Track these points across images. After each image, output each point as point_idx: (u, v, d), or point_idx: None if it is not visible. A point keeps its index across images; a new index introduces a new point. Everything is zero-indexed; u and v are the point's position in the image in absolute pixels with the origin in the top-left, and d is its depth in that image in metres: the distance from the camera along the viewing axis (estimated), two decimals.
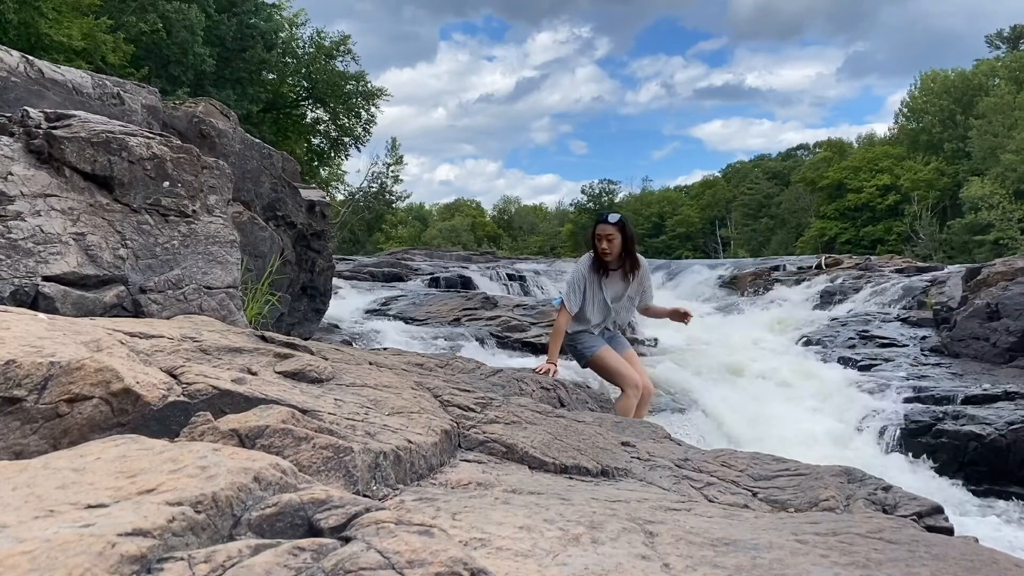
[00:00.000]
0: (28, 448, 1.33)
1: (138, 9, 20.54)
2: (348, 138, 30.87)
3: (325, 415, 1.70)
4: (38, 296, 2.21)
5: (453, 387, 2.66)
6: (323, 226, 6.22)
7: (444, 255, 21.36)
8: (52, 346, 1.49)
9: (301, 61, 29.10)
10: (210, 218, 2.81)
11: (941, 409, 6.38)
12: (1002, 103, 39.81)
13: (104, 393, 1.44)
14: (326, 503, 0.95)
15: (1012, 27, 50.67)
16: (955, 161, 43.95)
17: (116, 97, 4.21)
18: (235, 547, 0.81)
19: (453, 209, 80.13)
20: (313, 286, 6.16)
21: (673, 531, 1.38)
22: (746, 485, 2.32)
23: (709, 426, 6.11)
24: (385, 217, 41.03)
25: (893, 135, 53.41)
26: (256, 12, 25.66)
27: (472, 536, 1.21)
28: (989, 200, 35.39)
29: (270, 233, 5.01)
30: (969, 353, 8.31)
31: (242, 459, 1.03)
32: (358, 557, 0.80)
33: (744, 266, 17.12)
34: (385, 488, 1.53)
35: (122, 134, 2.61)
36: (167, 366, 1.70)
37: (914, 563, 1.21)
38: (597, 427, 2.77)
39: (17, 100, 3.38)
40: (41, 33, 16.09)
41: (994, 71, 45.38)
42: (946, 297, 10.28)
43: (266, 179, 5.34)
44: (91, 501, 0.88)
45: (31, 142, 2.45)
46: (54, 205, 2.37)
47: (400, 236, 58.07)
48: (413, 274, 13.88)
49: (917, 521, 2.05)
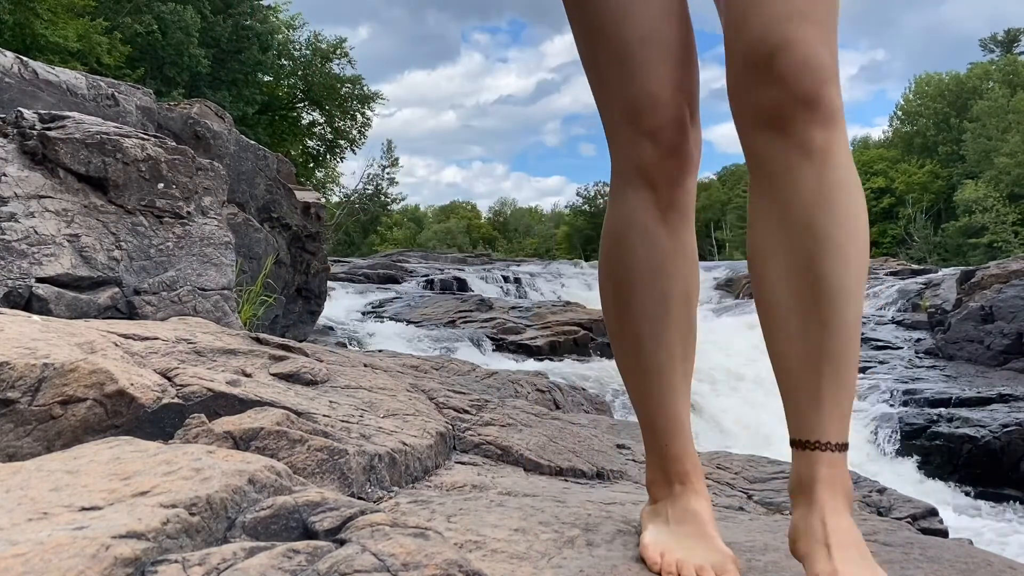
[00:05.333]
0: (21, 450, 1.33)
1: (133, 10, 20.52)
2: (344, 141, 30.87)
3: (320, 417, 1.69)
4: (32, 298, 2.20)
5: (448, 389, 2.66)
6: (318, 228, 6.21)
7: (439, 257, 21.37)
8: (46, 348, 1.49)
9: (297, 63, 29.10)
10: (205, 220, 2.81)
11: (935, 411, 6.40)
12: (996, 106, 39.99)
13: (98, 395, 1.43)
14: (321, 505, 0.95)
15: (1006, 31, 50.88)
16: (949, 164, 44.11)
17: (111, 98, 4.20)
18: (229, 549, 0.81)
19: (448, 211, 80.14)
20: (308, 288, 6.16)
21: None
22: (741, 487, 2.32)
23: (704, 428, 6.12)
24: (380, 219, 41.04)
25: (888, 138, 53.57)
26: (252, 14, 25.63)
27: (467, 538, 1.21)
28: (983, 203, 35.53)
29: (265, 235, 5.00)
30: (963, 356, 8.33)
31: (236, 461, 1.02)
32: (353, 560, 0.80)
33: (740, 269, 17.15)
34: (380, 490, 1.53)
35: (117, 135, 2.60)
36: (161, 368, 1.70)
37: (908, 565, 1.21)
38: (592, 429, 2.77)
39: (11, 101, 3.38)
40: (36, 34, 16.06)
41: (988, 74, 45.57)
42: (940, 300, 10.31)
43: (261, 181, 5.34)
44: (85, 503, 0.88)
45: (25, 143, 2.44)
46: (48, 206, 2.36)
47: (395, 238, 58.05)
48: (408, 276, 13.88)
49: (912, 523, 2.05)
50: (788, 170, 0.98)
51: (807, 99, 0.95)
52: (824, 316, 0.99)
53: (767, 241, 1.03)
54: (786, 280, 1.01)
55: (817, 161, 0.97)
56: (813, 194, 0.97)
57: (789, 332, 1.02)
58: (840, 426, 1.01)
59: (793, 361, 1.03)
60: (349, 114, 30.13)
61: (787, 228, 1.00)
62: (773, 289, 1.03)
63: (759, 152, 1.01)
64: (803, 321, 1.00)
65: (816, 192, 0.98)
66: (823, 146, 0.97)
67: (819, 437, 1.00)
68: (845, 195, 0.98)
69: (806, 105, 0.95)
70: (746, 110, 1.01)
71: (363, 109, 30.09)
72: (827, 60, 0.95)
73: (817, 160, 0.97)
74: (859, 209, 1.00)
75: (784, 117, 0.96)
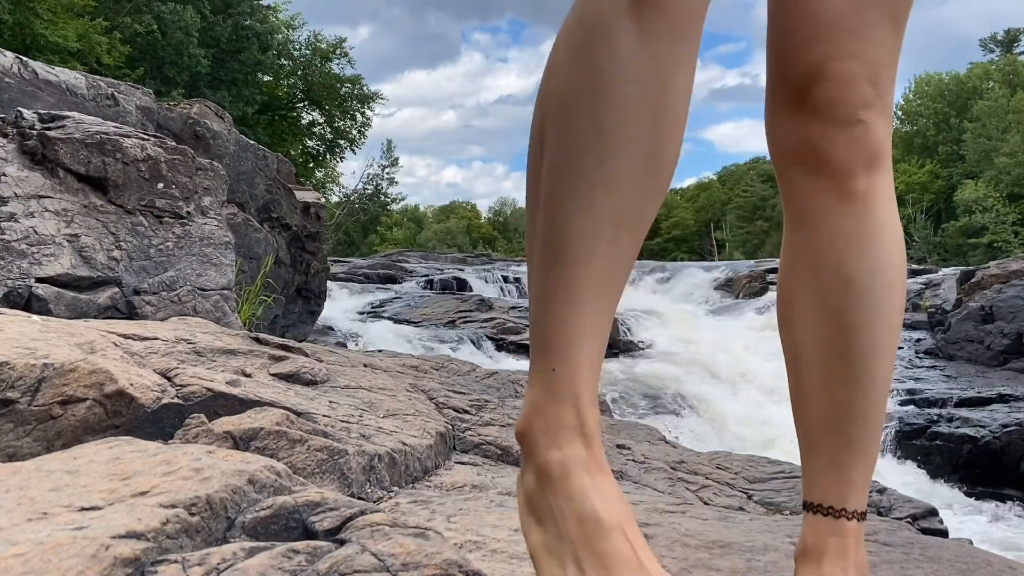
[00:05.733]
0: (21, 450, 1.33)
1: (133, 10, 20.51)
2: (343, 141, 30.88)
3: (319, 417, 1.69)
4: (31, 298, 2.20)
5: (448, 389, 2.66)
6: (318, 228, 6.21)
7: (439, 257, 21.36)
8: (46, 348, 1.49)
9: (297, 63, 29.10)
10: (204, 220, 2.81)
11: (935, 412, 6.40)
12: (996, 106, 39.98)
13: (98, 395, 1.43)
14: (321, 505, 0.95)
15: (1006, 31, 50.90)
16: (949, 164, 44.11)
17: (110, 98, 4.20)
18: (229, 549, 0.81)
19: (448, 211, 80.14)
20: (307, 288, 6.16)
21: (668, 534, 1.38)
22: (741, 487, 2.32)
23: (704, 428, 6.12)
24: (380, 219, 41.06)
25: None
26: (252, 14, 25.63)
27: (467, 539, 1.21)
28: (983, 203, 35.52)
29: (264, 235, 5.00)
30: (963, 356, 8.34)
31: (236, 461, 1.02)
32: (353, 560, 0.80)
33: (740, 268, 17.14)
34: (380, 490, 1.53)
35: (116, 135, 2.60)
36: (161, 368, 1.70)
37: (909, 565, 1.21)
38: None
39: (11, 101, 3.38)
40: (36, 34, 16.06)
41: (988, 74, 45.58)
42: (940, 300, 10.31)
43: (261, 181, 5.34)
44: (84, 503, 0.88)
45: (25, 143, 2.44)
46: (48, 206, 2.36)
47: (395, 238, 58.03)
48: (408, 276, 13.87)
49: (912, 523, 2.05)
50: (824, 213, 0.91)
51: (848, 137, 0.87)
52: (852, 373, 0.91)
53: (797, 284, 0.95)
54: (815, 329, 0.94)
55: (856, 206, 0.90)
56: (849, 240, 0.90)
57: (813, 385, 0.94)
58: (861, 493, 0.92)
59: (814, 417, 0.95)
60: (349, 114, 30.13)
61: (819, 273, 0.92)
62: (799, 336, 0.96)
63: (793, 192, 0.95)
64: (828, 375, 0.92)
65: (853, 239, 0.90)
66: (864, 190, 0.89)
67: (834, 503, 0.91)
68: (884, 243, 0.91)
69: (847, 144, 0.87)
70: (781, 144, 0.94)
71: (363, 109, 30.12)
72: (872, 97, 0.88)
73: (857, 205, 0.90)
74: (898, 259, 0.92)
75: (821, 155, 0.89)
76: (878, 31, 0.88)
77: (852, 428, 0.92)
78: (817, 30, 0.88)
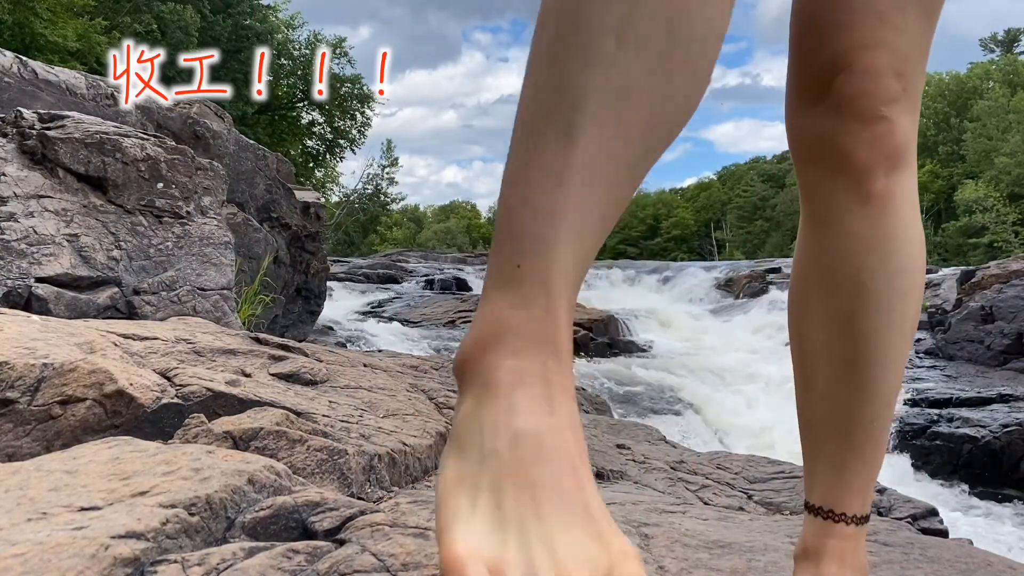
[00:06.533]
0: (21, 450, 1.33)
1: (133, 10, 20.52)
2: (343, 141, 30.90)
3: (319, 417, 1.69)
4: (31, 297, 2.20)
5: (448, 389, 2.66)
6: (318, 228, 6.21)
7: (439, 257, 21.36)
8: (45, 348, 1.49)
9: (297, 63, 29.10)
10: (204, 219, 2.80)
11: (936, 412, 6.40)
12: (996, 106, 40.00)
13: (97, 395, 1.43)
14: (320, 505, 0.95)
15: (1006, 31, 50.91)
16: (949, 164, 44.13)
17: (110, 98, 4.20)
18: (229, 549, 0.81)
19: (448, 211, 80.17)
20: (307, 288, 6.16)
21: (668, 534, 1.37)
22: (741, 487, 2.32)
23: (704, 429, 6.12)
24: (380, 219, 41.08)
25: None
26: (251, 13, 25.65)
27: None
28: (983, 203, 35.55)
29: (264, 234, 5.00)
30: (963, 356, 8.34)
31: (236, 461, 1.02)
32: (353, 560, 0.80)
33: (740, 268, 17.15)
34: (379, 490, 1.53)
35: (116, 135, 2.60)
36: (161, 368, 1.70)
37: (909, 565, 1.21)
38: (592, 429, 2.77)
39: (11, 101, 3.37)
40: (36, 34, 16.06)
41: (988, 74, 45.60)
42: (941, 300, 10.32)
43: (260, 180, 5.34)
44: (84, 503, 0.88)
45: (24, 143, 2.44)
46: (47, 206, 2.36)
47: (395, 238, 58.06)
48: (408, 276, 13.88)
49: (912, 523, 2.05)
50: (840, 214, 0.87)
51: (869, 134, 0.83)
52: (860, 379, 0.89)
53: (809, 285, 0.92)
54: (824, 332, 0.91)
55: (874, 207, 0.85)
56: (864, 243, 0.87)
57: (819, 389, 0.92)
58: (862, 498, 0.91)
59: (818, 420, 0.93)
60: (349, 114, 30.15)
61: (831, 276, 0.89)
62: (808, 338, 0.93)
63: (810, 190, 0.91)
64: (835, 380, 0.90)
65: (868, 242, 0.86)
66: (883, 191, 0.85)
67: (834, 506, 0.90)
68: (902, 247, 0.87)
69: (868, 142, 0.83)
70: (799, 139, 0.90)
71: (363, 109, 30.14)
72: (898, 92, 0.83)
73: (874, 207, 0.85)
74: (916, 264, 0.89)
75: (840, 152, 0.85)
76: (910, 19, 0.84)
77: (856, 434, 0.90)
78: (843, 15, 0.84)
